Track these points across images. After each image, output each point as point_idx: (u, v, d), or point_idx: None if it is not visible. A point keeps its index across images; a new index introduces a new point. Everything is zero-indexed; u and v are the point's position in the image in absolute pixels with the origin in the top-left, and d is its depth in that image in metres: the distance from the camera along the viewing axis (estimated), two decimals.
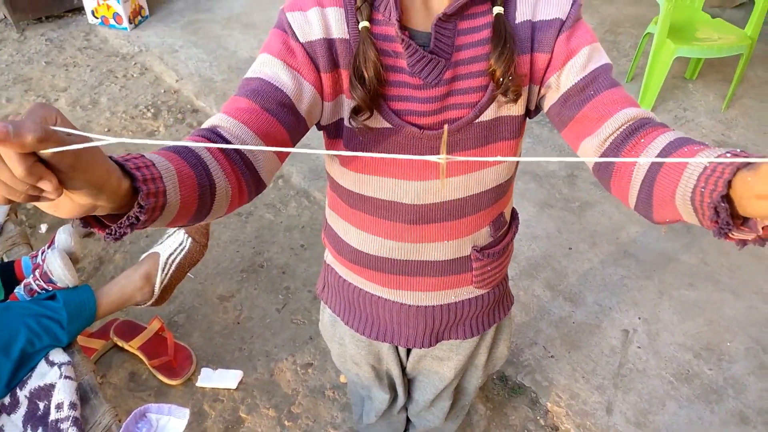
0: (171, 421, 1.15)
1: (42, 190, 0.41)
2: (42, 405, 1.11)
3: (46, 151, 0.39)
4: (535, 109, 0.79)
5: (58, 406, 1.07)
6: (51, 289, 1.26)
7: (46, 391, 1.11)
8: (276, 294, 1.96)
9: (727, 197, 0.47)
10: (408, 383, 1.18)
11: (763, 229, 0.47)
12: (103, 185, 0.44)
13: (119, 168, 0.47)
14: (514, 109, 0.76)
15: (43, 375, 1.14)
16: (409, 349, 1.08)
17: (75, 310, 1.22)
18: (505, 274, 1.01)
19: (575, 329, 1.83)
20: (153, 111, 2.79)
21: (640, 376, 1.71)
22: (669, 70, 2.61)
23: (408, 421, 1.31)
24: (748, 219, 0.47)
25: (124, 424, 1.09)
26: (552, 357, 1.75)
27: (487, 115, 0.75)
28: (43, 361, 1.16)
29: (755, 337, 1.82)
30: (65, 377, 1.11)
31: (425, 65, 0.71)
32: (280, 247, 2.14)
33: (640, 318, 1.86)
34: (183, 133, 2.65)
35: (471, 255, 0.89)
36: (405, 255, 0.88)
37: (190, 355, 1.74)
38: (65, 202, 0.43)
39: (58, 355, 1.17)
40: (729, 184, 0.46)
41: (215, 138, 0.62)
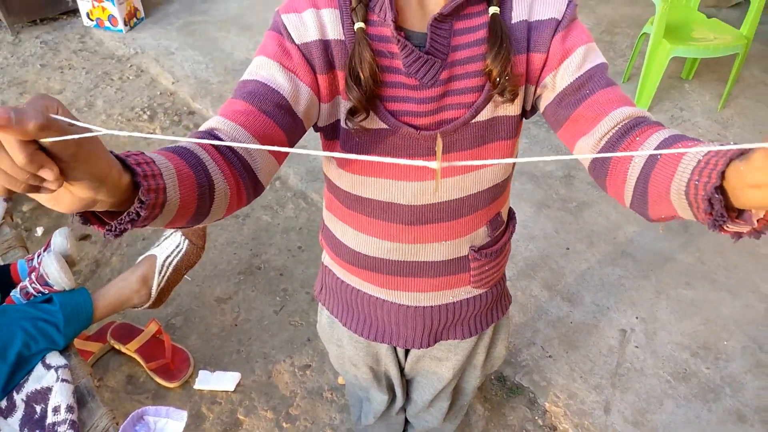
0: (169, 424, 1.15)
1: (42, 180, 0.40)
2: (39, 408, 1.10)
3: (48, 140, 0.38)
4: (531, 110, 0.79)
5: (55, 410, 1.07)
6: (47, 292, 1.25)
7: (43, 394, 1.11)
8: (273, 296, 1.96)
9: (722, 189, 0.46)
10: (406, 384, 1.18)
11: (758, 221, 0.47)
12: (104, 178, 0.43)
13: (120, 163, 0.46)
14: (511, 109, 0.76)
15: (39, 378, 1.13)
16: (408, 350, 1.08)
17: (71, 313, 1.22)
18: (503, 274, 1.01)
19: (573, 329, 1.83)
20: (149, 113, 2.79)
21: (638, 376, 1.71)
22: (665, 70, 2.62)
23: (406, 422, 1.31)
24: (743, 212, 0.47)
25: (121, 427, 1.09)
26: (550, 357, 1.75)
27: (483, 115, 0.75)
28: (39, 365, 1.16)
29: (752, 336, 1.82)
30: (62, 380, 1.10)
31: (421, 66, 0.71)
32: (278, 248, 2.13)
33: (637, 317, 1.87)
34: (179, 136, 2.65)
35: (469, 255, 0.89)
36: (402, 256, 0.88)
37: (188, 357, 1.73)
38: (65, 195, 0.43)
39: (55, 358, 1.16)
40: (722, 175, 0.46)
41: (213, 141, 0.62)
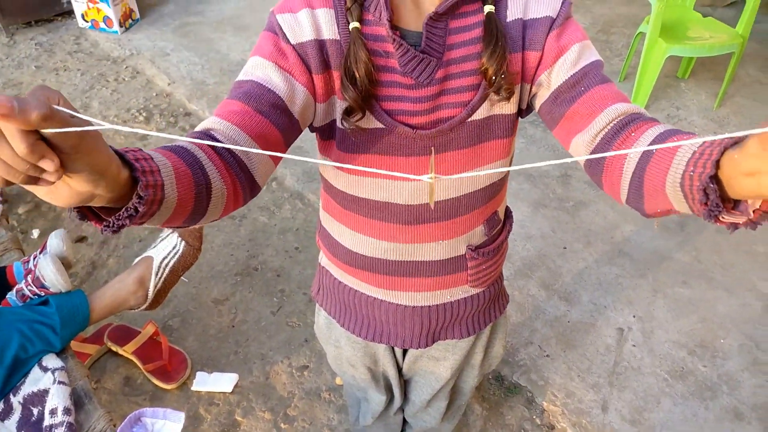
0: (166, 425, 1.14)
1: (42, 171, 0.40)
2: (36, 411, 1.10)
3: (50, 131, 0.38)
4: (527, 108, 0.79)
5: (52, 412, 1.06)
6: (43, 294, 1.25)
7: (40, 396, 1.10)
8: (271, 297, 1.96)
9: (717, 179, 0.46)
10: (404, 384, 1.18)
11: (754, 212, 0.46)
12: (104, 171, 0.43)
13: (119, 158, 0.47)
14: (507, 107, 0.76)
15: (36, 380, 1.13)
16: (405, 350, 1.08)
17: (68, 315, 1.21)
18: (500, 273, 1.01)
19: (570, 328, 1.83)
20: (145, 114, 2.78)
21: (635, 374, 1.71)
22: (661, 70, 2.62)
23: (404, 422, 1.31)
24: (739, 203, 0.47)
25: (119, 429, 1.09)
26: (547, 356, 1.75)
27: (479, 114, 0.75)
28: (36, 367, 1.15)
29: (749, 334, 1.83)
30: (59, 382, 1.10)
31: (417, 65, 0.71)
32: (275, 249, 2.13)
33: (634, 316, 1.87)
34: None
35: (466, 254, 0.89)
36: (400, 255, 0.88)
37: (185, 358, 1.73)
38: (63, 189, 0.43)
39: (52, 360, 1.16)
40: (717, 164, 0.46)
41: (209, 141, 0.62)
